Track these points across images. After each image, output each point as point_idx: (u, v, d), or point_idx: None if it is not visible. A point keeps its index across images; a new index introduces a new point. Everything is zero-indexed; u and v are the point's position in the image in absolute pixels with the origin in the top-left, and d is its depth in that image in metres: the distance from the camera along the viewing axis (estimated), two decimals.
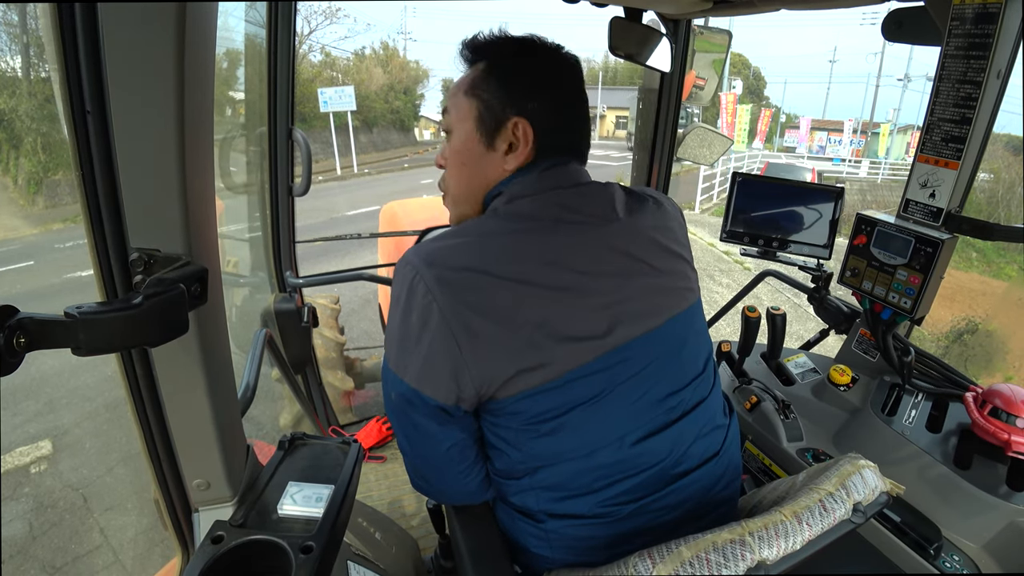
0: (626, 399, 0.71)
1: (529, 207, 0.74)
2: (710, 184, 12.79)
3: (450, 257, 0.68)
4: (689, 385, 0.76)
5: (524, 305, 0.67)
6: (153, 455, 0.69)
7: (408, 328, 0.69)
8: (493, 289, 0.67)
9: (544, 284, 0.68)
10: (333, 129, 17.37)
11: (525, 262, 0.69)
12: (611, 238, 0.73)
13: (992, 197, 11.09)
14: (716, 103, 16.21)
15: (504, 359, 0.67)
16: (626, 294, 0.72)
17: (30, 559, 2.41)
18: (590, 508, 0.72)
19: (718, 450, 0.78)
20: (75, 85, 0.52)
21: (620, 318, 0.70)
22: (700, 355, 0.79)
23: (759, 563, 0.57)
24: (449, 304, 0.66)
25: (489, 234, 0.72)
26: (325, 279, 1.96)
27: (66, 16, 0.50)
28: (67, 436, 3.24)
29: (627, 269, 0.73)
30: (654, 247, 0.76)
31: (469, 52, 0.80)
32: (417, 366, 0.69)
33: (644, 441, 0.72)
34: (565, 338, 0.68)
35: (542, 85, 0.77)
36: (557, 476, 0.72)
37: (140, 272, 0.53)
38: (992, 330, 6.31)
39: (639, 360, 0.71)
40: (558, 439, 0.70)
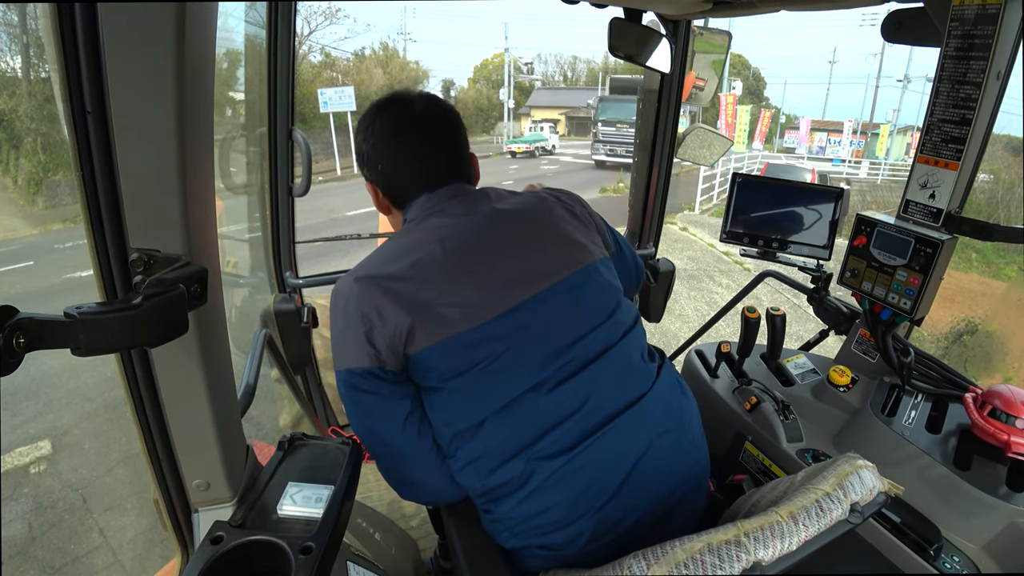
0: (523, 353, 0.78)
1: (417, 220, 0.89)
2: (710, 185, 12.80)
3: (363, 267, 0.84)
4: (590, 334, 0.81)
5: (423, 285, 0.79)
6: (153, 455, 0.69)
7: (337, 330, 0.82)
8: (395, 277, 0.80)
9: (440, 269, 0.80)
10: (333, 130, 17.37)
11: (422, 255, 0.81)
12: (499, 223, 0.87)
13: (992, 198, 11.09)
14: (716, 104, 16.22)
15: (405, 321, 0.77)
16: (514, 266, 0.83)
17: (30, 559, 2.40)
18: (521, 467, 0.75)
19: (644, 391, 0.82)
20: (75, 85, 0.52)
21: (511, 285, 0.81)
22: (603, 307, 0.85)
23: (755, 564, 0.57)
24: (360, 294, 0.79)
25: (397, 243, 0.86)
26: (325, 279, 1.96)
27: (66, 16, 0.50)
28: (67, 436, 3.24)
29: (512, 247, 0.85)
30: (534, 227, 0.88)
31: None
32: (346, 352, 0.80)
33: (555, 390, 0.77)
34: (459, 305, 0.78)
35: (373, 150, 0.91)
36: (482, 442, 0.78)
37: (140, 272, 0.53)
38: (992, 331, 6.32)
39: (534, 316, 0.80)
40: (470, 393, 0.78)
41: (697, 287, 6.88)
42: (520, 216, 0.89)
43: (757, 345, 1.45)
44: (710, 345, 1.56)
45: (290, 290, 1.85)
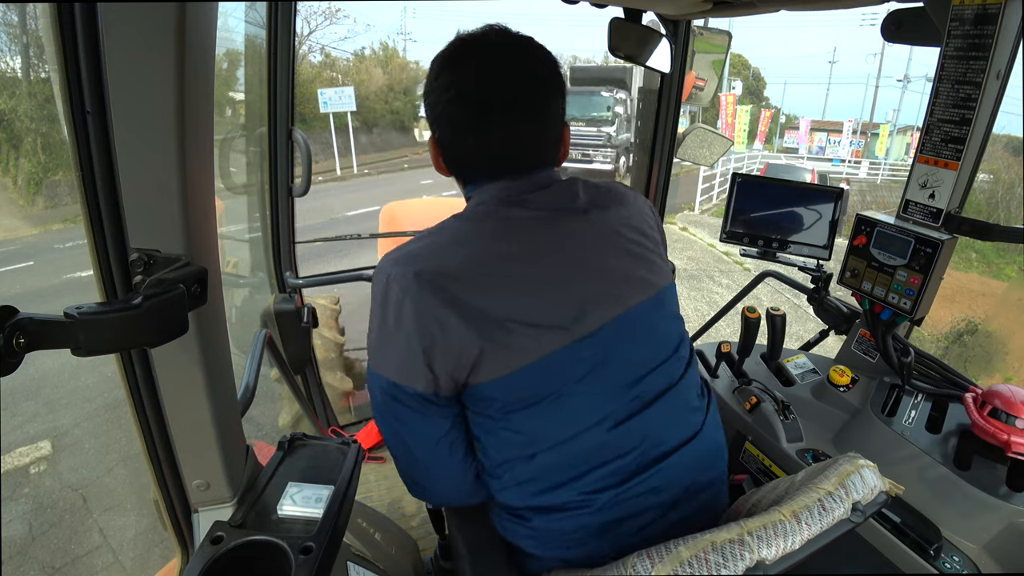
0: (595, 385, 0.72)
1: (487, 211, 0.76)
2: (710, 185, 12.79)
3: (420, 256, 0.72)
4: (659, 368, 0.77)
5: (490, 296, 0.70)
6: (153, 456, 0.69)
7: (385, 327, 0.72)
8: (463, 282, 0.69)
9: (510, 276, 0.71)
10: (333, 130, 17.37)
11: (492, 256, 0.72)
12: (574, 229, 0.75)
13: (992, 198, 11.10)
14: (716, 104, 16.22)
15: (473, 345, 0.68)
16: (591, 283, 0.73)
17: (30, 559, 2.40)
18: (570, 497, 0.73)
19: (696, 431, 0.79)
20: (75, 85, 0.52)
21: (585, 307, 0.72)
22: (671, 339, 0.80)
23: (758, 563, 0.57)
24: (420, 298, 0.69)
25: (457, 233, 0.74)
26: (325, 279, 1.96)
27: (66, 16, 0.50)
28: (67, 436, 3.24)
29: (587, 262, 0.74)
30: (618, 238, 0.78)
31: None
32: (395, 360, 0.72)
33: (617, 427, 0.73)
34: (533, 326, 0.70)
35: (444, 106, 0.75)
36: (535, 468, 0.73)
37: (140, 273, 0.53)
38: (992, 331, 6.32)
39: (607, 346, 0.73)
40: (531, 427, 0.72)
41: (697, 287, 6.88)
42: (604, 222, 0.78)
43: (757, 345, 1.45)
44: (710, 345, 1.56)
45: (290, 290, 1.85)
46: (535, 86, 0.75)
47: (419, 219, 2.72)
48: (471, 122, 0.74)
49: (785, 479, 0.80)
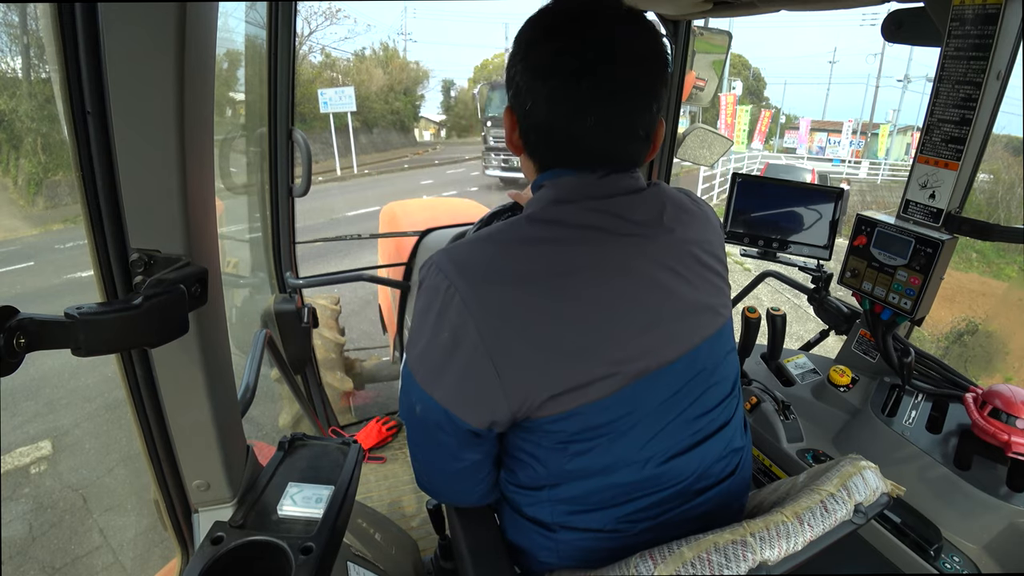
0: (658, 420, 0.68)
1: (564, 214, 0.66)
2: (710, 185, 12.80)
3: (487, 269, 0.63)
4: (717, 407, 0.74)
5: (564, 327, 0.62)
6: (153, 456, 0.69)
7: (438, 343, 0.64)
8: (533, 308, 0.62)
9: (586, 303, 0.63)
10: (333, 130, 17.38)
11: (565, 278, 0.63)
12: (655, 252, 0.67)
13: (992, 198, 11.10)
14: (716, 104, 16.22)
15: (542, 383, 0.62)
16: (665, 314, 0.67)
17: (30, 560, 2.40)
18: (606, 523, 0.70)
19: (734, 469, 0.77)
20: (75, 86, 0.52)
21: (658, 340, 0.66)
22: (729, 377, 0.76)
23: (760, 564, 0.57)
24: (486, 324, 0.61)
25: (528, 243, 0.65)
26: (325, 280, 1.96)
27: (66, 16, 0.50)
28: (67, 437, 3.24)
29: (667, 287, 0.67)
30: (695, 263, 0.70)
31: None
32: (450, 387, 0.64)
33: (671, 461, 0.70)
34: (604, 360, 0.64)
35: (535, 74, 0.65)
36: (578, 490, 0.70)
37: (140, 273, 0.53)
38: (992, 331, 6.32)
39: (673, 382, 0.68)
40: (588, 458, 0.68)
41: None
42: (687, 243, 0.70)
43: (757, 345, 1.45)
44: None
45: (290, 290, 1.85)
46: (654, 73, 0.65)
47: (419, 219, 2.72)
48: (575, 104, 0.63)
49: (787, 480, 0.80)
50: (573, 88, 0.62)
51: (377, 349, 3.86)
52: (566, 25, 0.63)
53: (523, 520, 0.77)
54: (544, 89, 0.64)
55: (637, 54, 0.63)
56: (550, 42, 0.63)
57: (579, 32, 0.62)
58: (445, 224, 2.13)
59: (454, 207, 3.34)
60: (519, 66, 0.66)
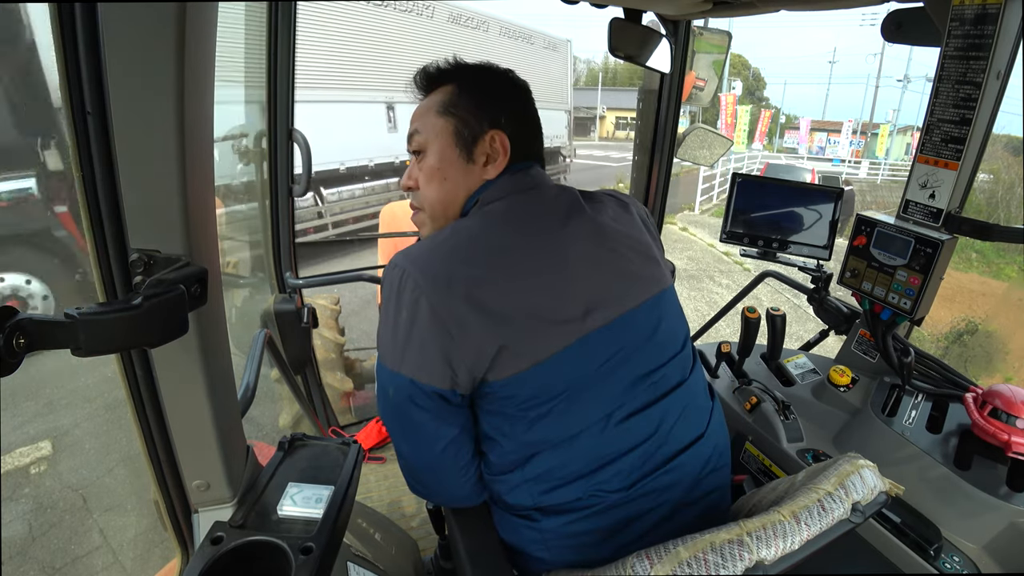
0: (611, 377, 0.74)
1: (503, 207, 0.80)
2: (710, 185, 12.80)
3: (435, 255, 0.73)
4: (668, 363, 0.79)
5: (506, 293, 0.72)
6: (153, 456, 0.69)
7: (399, 324, 0.73)
8: (476, 280, 0.71)
9: (522, 273, 0.73)
10: None
11: (504, 254, 0.74)
12: (578, 231, 0.79)
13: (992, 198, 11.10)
14: (716, 104, 16.21)
15: (491, 341, 0.70)
16: (598, 281, 0.77)
17: (30, 560, 2.40)
18: (580, 494, 0.73)
19: (702, 432, 0.81)
20: (75, 85, 0.52)
21: (595, 303, 0.75)
22: (677, 335, 0.83)
23: (757, 563, 0.57)
24: (436, 296, 0.70)
25: (469, 232, 0.76)
26: (325, 280, 1.96)
27: (66, 16, 0.50)
28: (67, 437, 3.24)
29: (597, 258, 0.78)
30: (619, 239, 0.81)
31: (428, 80, 0.87)
32: (412, 357, 0.72)
33: (627, 420, 0.74)
34: (547, 321, 0.72)
35: (507, 99, 0.85)
36: (546, 463, 0.74)
37: (140, 273, 0.53)
38: (992, 331, 6.32)
39: (616, 341, 0.75)
40: (547, 424, 0.73)
41: (697, 287, 6.88)
42: (609, 222, 0.82)
43: (757, 345, 1.45)
44: (710, 345, 1.56)
45: (290, 290, 1.85)
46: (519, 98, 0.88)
47: None
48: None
49: (785, 479, 0.80)
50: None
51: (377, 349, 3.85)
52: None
53: (510, 516, 0.79)
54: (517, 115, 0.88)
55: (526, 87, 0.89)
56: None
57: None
58: None
59: None
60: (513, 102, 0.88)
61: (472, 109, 0.82)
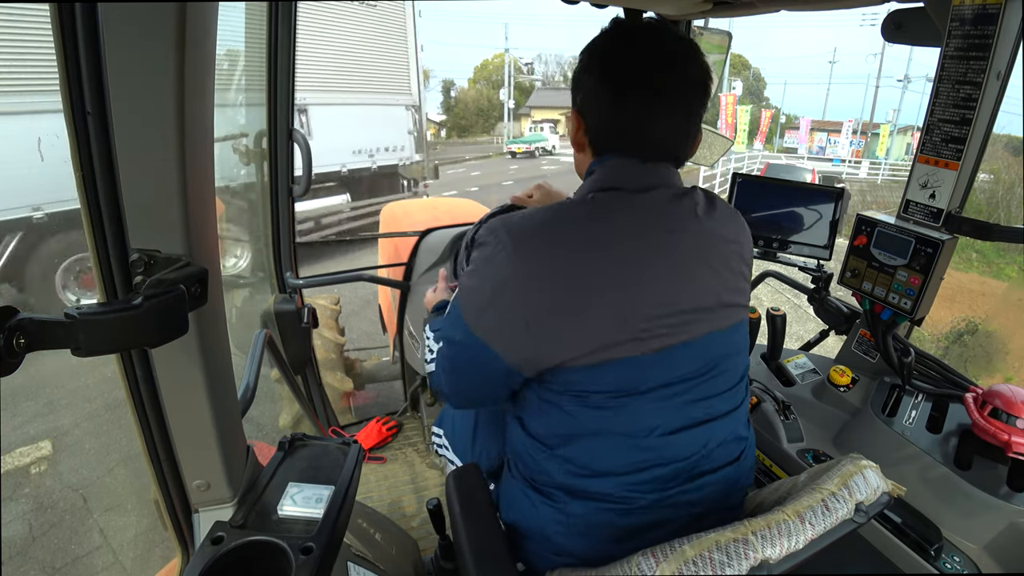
0: (670, 392, 0.74)
1: (608, 201, 0.76)
2: (710, 185, 12.81)
3: (531, 235, 0.73)
4: (725, 392, 0.78)
5: (596, 294, 0.70)
6: (153, 456, 0.69)
7: (483, 291, 0.74)
8: (569, 275, 0.70)
9: (618, 276, 0.71)
10: None
11: (603, 252, 0.72)
12: (684, 242, 0.76)
13: (992, 198, 11.10)
14: (716, 104, 16.22)
15: (566, 337, 0.70)
16: (690, 297, 0.74)
17: (30, 560, 2.40)
18: (614, 489, 0.74)
19: (736, 458, 0.81)
20: (75, 85, 0.51)
21: (682, 319, 0.73)
22: (738, 369, 0.82)
23: (762, 562, 0.57)
24: (521, 282, 0.70)
25: (572, 218, 0.74)
26: (325, 280, 1.96)
27: (66, 16, 0.50)
28: (67, 437, 3.24)
29: (695, 273, 0.75)
30: (723, 258, 0.78)
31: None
32: (488, 327, 0.74)
33: (677, 434, 0.74)
34: (630, 327, 0.71)
35: (595, 77, 0.77)
36: (589, 449, 0.74)
37: (140, 273, 0.53)
38: (992, 331, 6.32)
39: (690, 360, 0.74)
40: (604, 415, 0.73)
41: None
42: (718, 236, 0.79)
43: (757, 345, 1.45)
44: None
45: (290, 290, 1.85)
46: (700, 92, 0.78)
47: (419, 219, 2.72)
48: (639, 108, 0.76)
49: (788, 480, 0.80)
50: (639, 99, 0.75)
51: (377, 349, 3.86)
52: (639, 44, 0.75)
53: (532, 494, 0.80)
54: (612, 96, 0.76)
55: (691, 76, 0.76)
56: (624, 57, 0.75)
57: (649, 52, 0.75)
58: (445, 224, 2.13)
59: (454, 207, 3.34)
60: (589, 74, 0.78)
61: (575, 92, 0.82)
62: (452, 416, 1.18)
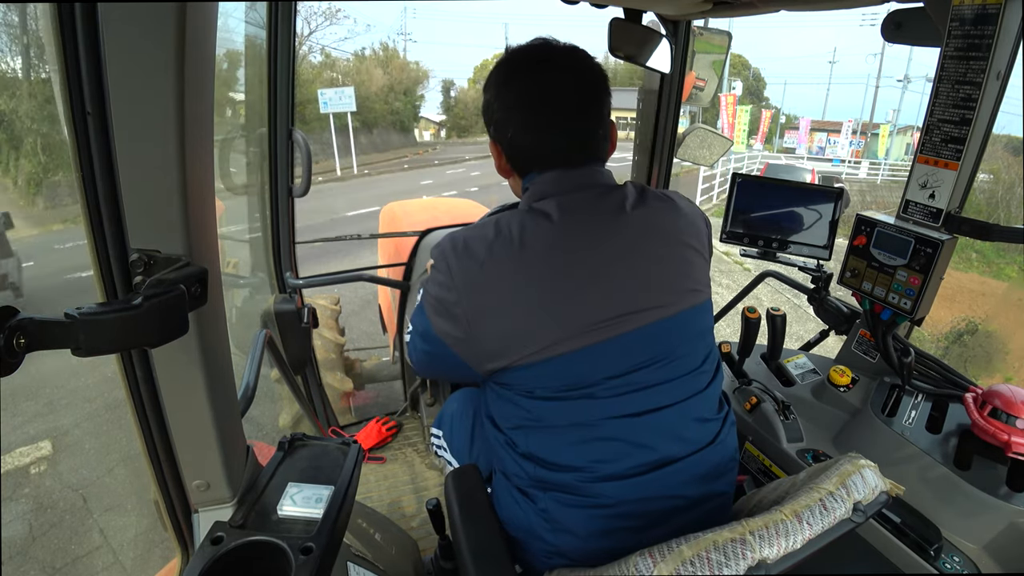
0: (624, 383, 0.75)
1: (544, 205, 0.80)
2: (710, 185, 12.80)
3: (474, 244, 0.78)
4: (680, 379, 0.79)
5: (528, 296, 0.74)
6: (153, 456, 0.69)
7: (433, 296, 0.80)
8: (501, 281, 0.75)
9: (549, 278, 0.75)
10: (333, 130, 17.38)
11: (539, 255, 0.75)
12: (615, 236, 0.78)
13: (992, 198, 11.10)
14: (716, 104, 16.22)
15: (504, 343, 0.75)
16: (627, 289, 0.76)
17: (30, 560, 2.40)
18: (578, 484, 0.75)
19: (711, 441, 0.81)
20: (75, 86, 0.52)
21: (620, 311, 0.75)
22: (697, 352, 0.82)
23: (760, 562, 0.57)
24: (463, 290, 0.76)
25: (507, 231, 0.78)
26: (325, 280, 1.96)
27: (66, 16, 0.50)
28: (67, 437, 3.24)
29: (630, 266, 0.77)
30: (661, 246, 0.80)
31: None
32: (441, 327, 0.80)
33: (635, 419, 0.75)
34: (563, 325, 0.74)
35: (500, 107, 0.83)
36: (547, 444, 0.77)
37: (140, 273, 0.53)
38: (992, 331, 6.32)
39: (640, 349, 0.76)
40: (553, 408, 0.76)
41: None
42: (655, 225, 0.81)
43: (757, 345, 1.45)
44: None
45: (290, 290, 1.85)
46: (600, 92, 0.84)
47: (419, 219, 2.72)
48: (538, 123, 0.82)
49: (787, 479, 0.80)
50: (542, 115, 0.81)
51: (377, 349, 3.86)
52: (527, 70, 0.82)
53: (513, 491, 0.82)
54: (517, 116, 0.82)
55: (581, 87, 0.82)
56: (515, 83, 0.82)
57: (535, 75, 0.81)
58: (445, 224, 2.13)
59: (454, 207, 3.34)
60: (496, 103, 0.83)
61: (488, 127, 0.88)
62: (451, 418, 1.18)
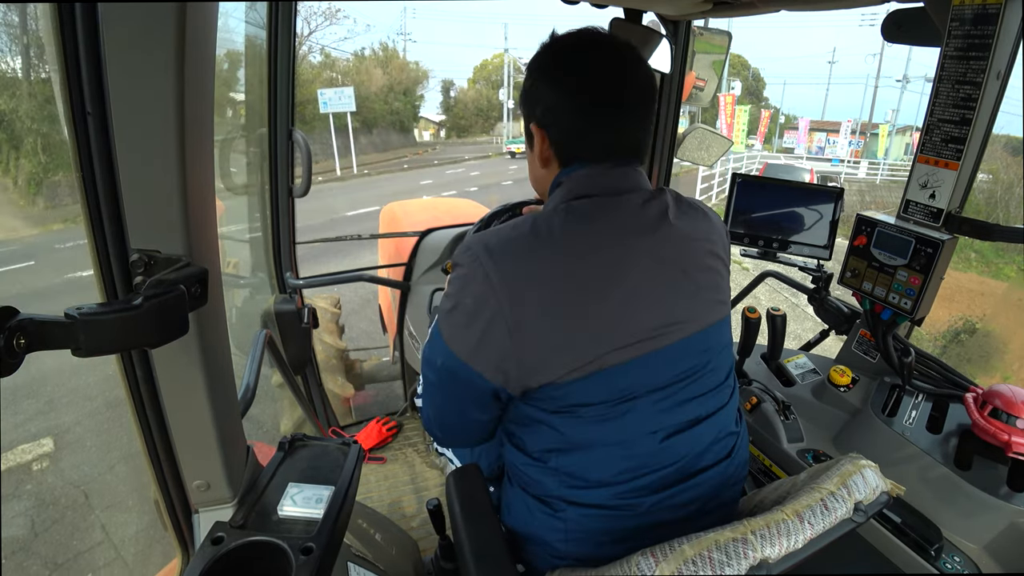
0: (659, 398, 0.74)
1: (579, 207, 0.75)
2: (709, 185, 12.80)
3: (509, 251, 0.72)
4: (711, 392, 0.78)
5: (575, 304, 0.70)
6: (153, 456, 0.69)
7: (464, 308, 0.72)
8: (547, 287, 0.69)
9: (595, 285, 0.71)
10: (333, 130, 17.38)
11: (582, 261, 0.71)
12: (659, 244, 0.75)
13: (991, 198, 11.10)
14: (715, 104, 16.21)
15: (551, 349, 0.69)
16: (669, 299, 0.74)
17: (32, 556, 2.41)
18: (610, 499, 0.74)
19: (728, 454, 0.81)
20: (75, 86, 0.52)
21: (664, 321, 0.73)
22: (724, 366, 0.82)
23: (761, 561, 0.57)
24: (504, 295, 0.69)
25: (548, 233, 0.73)
26: (325, 280, 1.96)
27: (66, 16, 0.50)
28: (68, 434, 3.24)
29: (672, 276, 0.75)
30: (697, 257, 0.78)
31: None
32: (470, 345, 0.72)
33: (670, 438, 0.74)
34: (612, 335, 0.70)
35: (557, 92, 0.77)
36: (584, 463, 0.74)
37: (140, 273, 0.53)
38: (991, 330, 6.32)
39: (680, 361, 0.74)
40: (595, 426, 0.73)
41: None
42: (690, 237, 0.78)
43: (757, 345, 1.45)
44: None
45: (290, 291, 1.85)
46: (650, 97, 0.80)
47: (419, 219, 2.71)
48: (595, 113, 0.76)
49: (787, 479, 0.80)
50: (606, 110, 0.76)
51: (377, 349, 3.86)
52: (584, 59, 0.77)
53: (532, 501, 0.80)
54: (580, 108, 0.76)
55: (645, 83, 0.78)
56: (584, 70, 0.76)
57: (608, 63, 0.76)
58: (445, 224, 2.13)
59: (454, 207, 3.34)
60: (549, 88, 0.78)
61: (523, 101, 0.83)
62: None
